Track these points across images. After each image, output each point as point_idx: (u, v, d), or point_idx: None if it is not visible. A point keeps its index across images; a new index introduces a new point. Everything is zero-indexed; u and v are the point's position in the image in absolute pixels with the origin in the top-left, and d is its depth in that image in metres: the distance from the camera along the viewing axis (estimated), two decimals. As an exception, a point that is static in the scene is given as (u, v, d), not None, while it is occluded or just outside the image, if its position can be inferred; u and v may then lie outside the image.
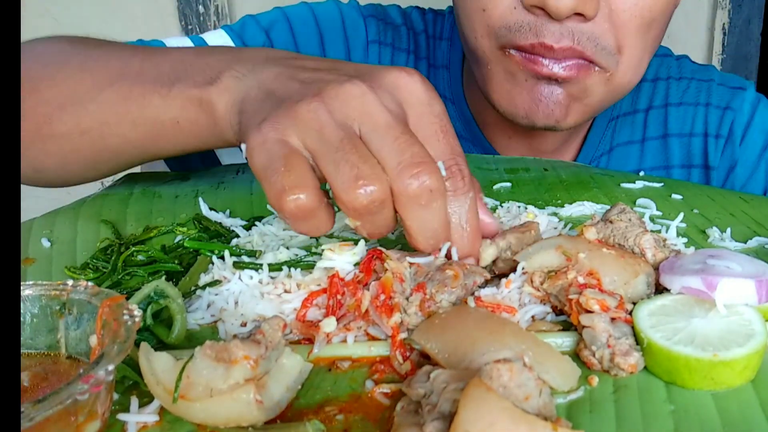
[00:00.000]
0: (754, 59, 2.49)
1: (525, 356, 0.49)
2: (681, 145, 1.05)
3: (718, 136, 1.03)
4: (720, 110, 1.03)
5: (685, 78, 1.07)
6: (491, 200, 0.84)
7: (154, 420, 0.47)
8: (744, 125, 1.02)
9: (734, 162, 1.03)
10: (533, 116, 0.87)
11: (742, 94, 1.03)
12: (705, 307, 0.54)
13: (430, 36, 1.10)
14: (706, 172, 1.04)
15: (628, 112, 1.06)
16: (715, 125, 1.03)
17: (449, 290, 0.57)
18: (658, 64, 1.08)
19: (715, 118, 1.03)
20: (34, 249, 0.73)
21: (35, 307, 0.50)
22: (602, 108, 0.92)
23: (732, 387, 0.50)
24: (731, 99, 1.03)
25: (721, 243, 0.73)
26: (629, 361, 0.51)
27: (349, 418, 0.48)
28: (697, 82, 1.06)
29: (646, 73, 1.08)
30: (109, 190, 0.89)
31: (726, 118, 1.02)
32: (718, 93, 1.04)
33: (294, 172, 0.52)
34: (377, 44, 1.08)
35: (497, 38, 0.84)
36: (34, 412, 0.39)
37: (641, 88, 1.07)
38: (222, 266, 0.65)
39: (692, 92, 1.06)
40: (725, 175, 1.03)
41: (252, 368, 0.46)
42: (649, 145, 1.06)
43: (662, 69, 1.08)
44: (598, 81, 0.85)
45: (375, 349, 0.55)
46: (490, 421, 0.38)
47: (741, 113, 1.02)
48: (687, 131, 1.04)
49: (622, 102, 1.06)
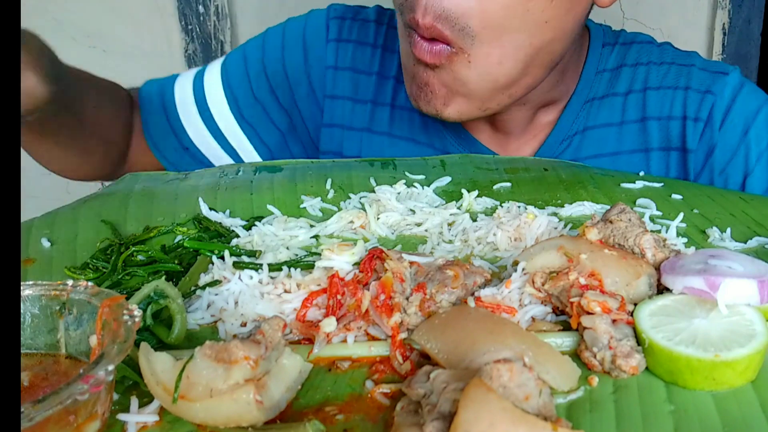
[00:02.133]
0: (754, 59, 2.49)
1: (525, 356, 0.49)
2: (660, 128, 1.04)
3: (696, 120, 1.02)
4: (700, 94, 1.02)
5: (666, 63, 1.06)
6: (491, 200, 0.84)
7: (154, 420, 0.47)
8: (724, 109, 1.01)
9: (713, 146, 1.01)
10: (419, 102, 0.89)
11: (723, 78, 1.02)
12: (706, 307, 0.54)
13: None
14: (684, 155, 1.03)
15: (605, 95, 1.06)
16: (694, 108, 1.02)
17: (449, 290, 0.57)
18: (638, 50, 1.08)
19: (695, 102, 1.02)
20: (34, 249, 0.73)
21: (35, 307, 0.50)
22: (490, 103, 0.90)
23: (733, 387, 0.50)
24: (712, 83, 1.02)
25: (721, 243, 0.73)
26: (631, 362, 0.51)
27: (349, 418, 0.48)
28: (677, 67, 1.05)
29: (625, 59, 1.06)
30: (109, 190, 0.89)
31: (705, 102, 1.01)
32: (698, 77, 1.03)
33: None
34: (336, 42, 1.09)
35: (401, 16, 0.87)
36: (34, 412, 0.39)
37: (620, 73, 1.06)
38: (222, 266, 0.65)
39: (672, 76, 1.05)
40: (704, 159, 1.02)
41: (252, 368, 0.46)
42: (628, 128, 1.05)
43: (643, 54, 1.07)
44: (461, 65, 0.85)
45: (375, 349, 0.55)
46: (490, 421, 0.38)
47: (721, 97, 1.01)
48: (666, 114, 1.04)
49: (599, 86, 1.05)
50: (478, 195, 0.84)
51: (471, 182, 0.90)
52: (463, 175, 0.93)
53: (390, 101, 1.08)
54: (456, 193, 0.86)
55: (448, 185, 0.89)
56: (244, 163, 1.02)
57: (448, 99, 0.88)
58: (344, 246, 0.64)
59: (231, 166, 0.98)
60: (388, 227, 0.76)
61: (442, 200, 0.84)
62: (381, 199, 0.81)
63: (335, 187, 0.87)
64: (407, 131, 1.06)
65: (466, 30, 0.82)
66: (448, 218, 0.78)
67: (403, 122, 1.07)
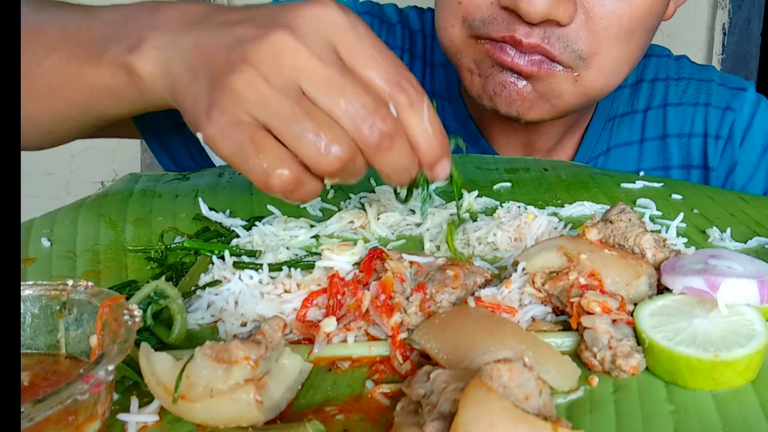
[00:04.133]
0: (754, 59, 2.49)
1: (525, 356, 0.49)
2: (680, 145, 1.04)
3: (717, 137, 1.02)
4: (720, 111, 1.03)
5: (684, 78, 1.07)
6: (491, 200, 0.84)
7: (154, 420, 0.47)
8: (744, 126, 1.02)
9: (734, 163, 1.02)
10: (496, 100, 0.87)
11: (742, 94, 1.03)
12: (706, 307, 0.54)
13: (427, 35, 1.11)
14: (705, 173, 1.04)
15: (626, 113, 1.06)
16: (715, 126, 1.03)
17: (449, 290, 0.57)
18: (656, 64, 1.08)
19: (715, 119, 1.03)
20: (34, 249, 0.73)
21: (35, 307, 0.50)
22: (574, 110, 0.92)
23: (733, 387, 0.50)
24: (731, 99, 1.03)
25: (721, 243, 0.73)
26: (631, 362, 0.51)
27: (349, 418, 0.48)
28: (696, 83, 1.06)
29: (644, 74, 1.07)
30: (109, 190, 0.89)
31: (726, 119, 1.02)
32: (718, 93, 1.04)
33: (266, 152, 0.54)
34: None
35: (470, 28, 0.85)
36: (34, 412, 0.39)
37: (640, 89, 1.07)
38: (222, 266, 0.65)
39: (692, 92, 1.05)
40: (725, 177, 1.03)
41: (252, 368, 0.46)
42: (648, 145, 1.05)
43: (661, 70, 1.08)
44: (564, 80, 0.84)
45: (375, 349, 0.55)
46: (490, 422, 0.38)
47: (741, 114, 1.02)
48: (686, 132, 1.04)
49: (619, 103, 1.05)
50: (478, 195, 0.84)
51: (471, 182, 0.90)
52: (463, 175, 0.93)
53: None
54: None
55: (448, 185, 0.89)
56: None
57: (534, 104, 0.87)
58: (344, 246, 0.64)
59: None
60: (388, 227, 0.76)
61: (442, 200, 0.84)
62: (381, 199, 0.81)
63: (335, 187, 0.87)
64: None
65: (577, 52, 0.82)
66: (448, 218, 0.78)
67: None
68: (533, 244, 0.66)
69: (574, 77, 0.84)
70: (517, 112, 0.87)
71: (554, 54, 0.81)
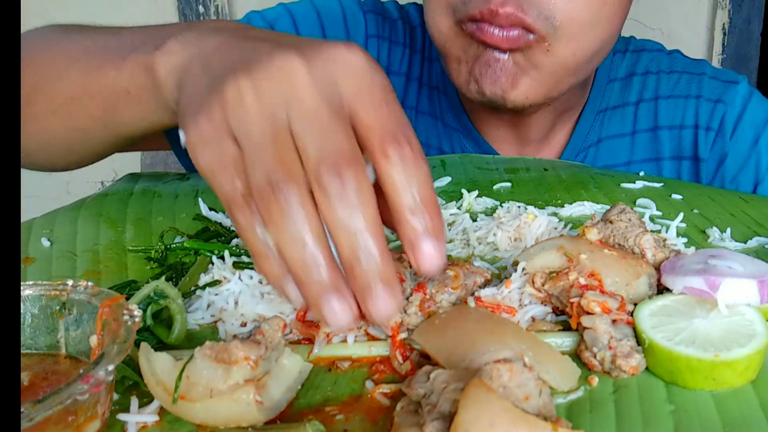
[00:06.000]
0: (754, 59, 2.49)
1: (525, 356, 0.49)
2: (671, 137, 1.05)
3: (708, 129, 1.02)
4: (711, 103, 1.03)
5: (677, 72, 1.07)
6: (491, 200, 0.84)
7: (154, 420, 0.47)
8: (735, 118, 1.02)
9: (724, 155, 1.02)
10: (482, 82, 0.88)
11: (734, 87, 1.03)
12: (706, 307, 0.54)
13: (426, 30, 1.12)
14: (696, 164, 1.04)
15: (617, 105, 1.07)
16: (706, 118, 1.03)
17: (449, 290, 0.57)
18: (648, 58, 1.08)
19: (706, 111, 1.03)
20: (34, 249, 0.73)
21: (35, 307, 0.50)
22: (556, 88, 0.92)
23: (733, 387, 0.50)
24: (723, 92, 1.03)
25: (721, 243, 0.73)
26: (631, 362, 0.51)
27: (349, 418, 0.48)
28: (688, 75, 1.06)
29: (636, 68, 1.07)
30: (109, 190, 0.89)
31: (717, 111, 1.02)
32: (710, 86, 1.04)
33: (231, 177, 0.50)
34: (376, 38, 1.09)
35: (454, 13, 0.86)
36: (34, 412, 0.39)
37: (631, 82, 1.07)
38: (222, 266, 0.65)
39: (683, 85, 1.06)
40: (715, 168, 1.03)
41: (252, 369, 0.46)
42: (640, 137, 1.06)
43: (653, 63, 1.08)
44: (538, 51, 0.85)
45: (375, 349, 0.55)
46: (490, 422, 0.38)
47: (732, 106, 1.02)
48: (677, 123, 1.04)
49: (610, 95, 1.06)
50: (478, 195, 0.84)
51: (471, 182, 0.90)
52: (463, 175, 0.93)
53: (415, 105, 1.08)
54: (456, 193, 0.86)
55: (448, 185, 0.89)
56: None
57: (516, 79, 0.87)
58: (344, 246, 0.64)
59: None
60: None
61: (441, 200, 0.84)
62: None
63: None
64: (423, 136, 1.07)
65: (550, 19, 0.83)
66: (448, 218, 0.78)
67: (426, 127, 1.07)
68: (533, 244, 0.66)
69: (545, 47, 0.85)
70: (502, 90, 0.88)
71: (528, 22, 0.82)
